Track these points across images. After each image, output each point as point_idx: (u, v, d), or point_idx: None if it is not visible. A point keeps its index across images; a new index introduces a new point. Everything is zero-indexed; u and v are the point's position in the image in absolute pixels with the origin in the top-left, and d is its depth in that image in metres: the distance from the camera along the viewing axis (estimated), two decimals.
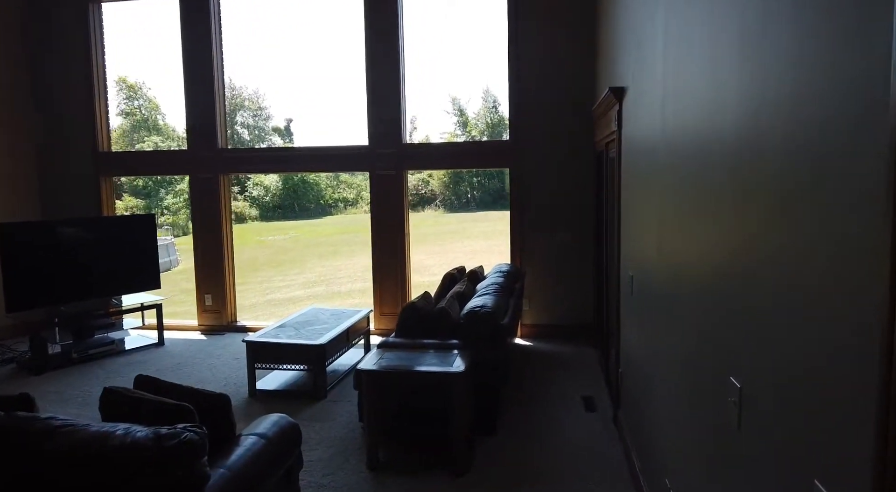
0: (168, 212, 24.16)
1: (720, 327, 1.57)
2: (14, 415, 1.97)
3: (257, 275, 14.68)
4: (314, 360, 4.12)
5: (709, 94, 1.69)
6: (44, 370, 4.79)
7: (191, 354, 5.28)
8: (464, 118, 28.07)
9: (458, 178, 27.39)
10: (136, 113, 27.52)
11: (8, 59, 5.78)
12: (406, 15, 5.50)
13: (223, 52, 5.81)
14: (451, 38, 34.10)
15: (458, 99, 28.69)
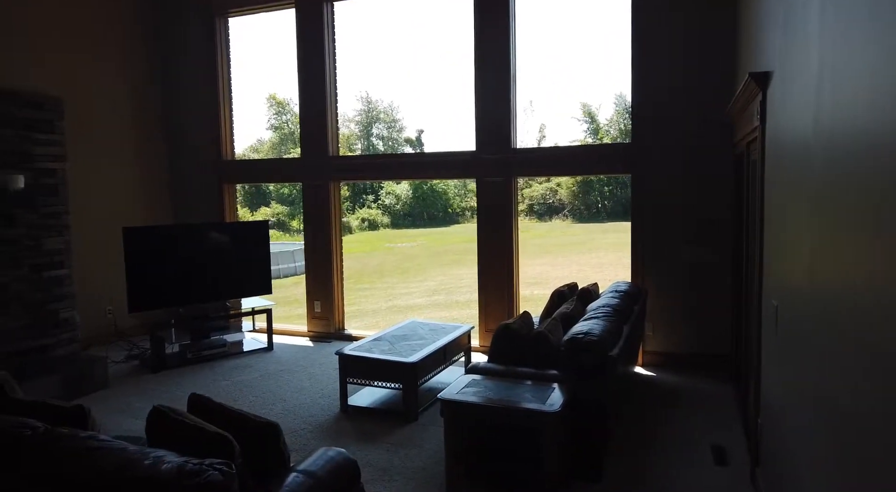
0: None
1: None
2: (54, 430, 1.87)
3: (383, 280, 14.98)
4: (405, 378, 3.86)
5: (884, 78, 1.15)
6: (161, 369, 5.00)
7: (295, 360, 5.27)
8: (595, 124, 26.98)
9: (587, 186, 26.34)
10: (283, 127, 29.65)
11: (142, 72, 6.22)
12: (519, 17, 5.13)
13: (336, 62, 5.81)
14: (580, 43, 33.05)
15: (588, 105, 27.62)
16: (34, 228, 4.39)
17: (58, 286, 4.58)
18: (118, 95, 5.92)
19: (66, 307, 4.64)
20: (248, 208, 26.26)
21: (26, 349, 4.37)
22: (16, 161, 4.29)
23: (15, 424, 1.90)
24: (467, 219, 28.98)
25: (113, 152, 5.86)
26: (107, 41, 5.80)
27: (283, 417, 4.00)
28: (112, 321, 5.82)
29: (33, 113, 4.41)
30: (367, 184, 27.95)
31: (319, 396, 4.39)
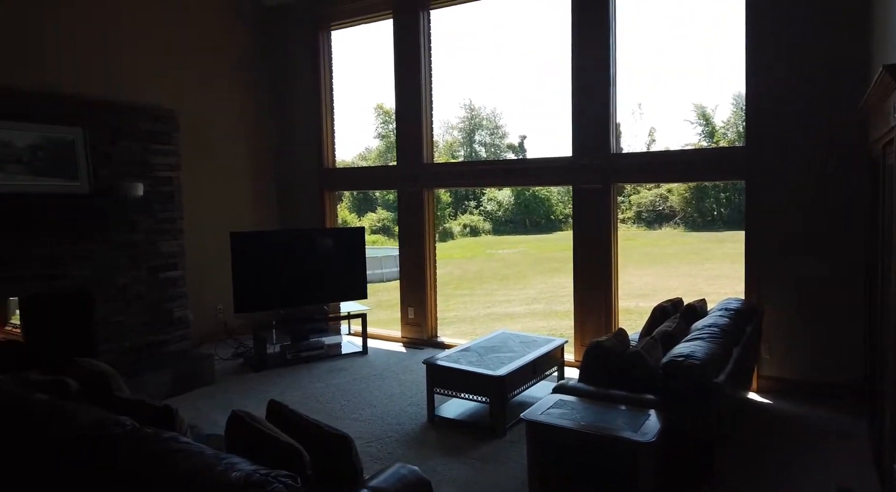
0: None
1: None
2: (140, 429, 1.94)
3: (482, 287, 14.94)
4: (493, 392, 3.74)
5: None
6: (262, 368, 5.22)
7: (387, 366, 5.31)
8: (710, 127, 25.40)
9: (701, 192, 24.84)
10: (389, 136, 30.58)
11: (251, 85, 6.57)
12: (623, 16, 4.87)
13: (431, 69, 5.83)
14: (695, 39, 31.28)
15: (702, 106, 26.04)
16: (151, 233, 4.74)
17: (172, 287, 4.91)
18: (229, 107, 6.29)
19: (179, 306, 4.96)
20: (355, 214, 27.28)
21: (145, 345, 4.72)
22: (138, 171, 4.66)
23: (110, 421, 1.99)
24: (570, 226, 28.32)
25: (223, 161, 6.23)
26: (219, 57, 6.19)
27: (371, 423, 4.01)
28: (222, 320, 6.18)
29: (153, 126, 4.76)
30: (469, 190, 28.10)
31: (408, 403, 4.37)
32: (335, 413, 4.20)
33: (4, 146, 3.85)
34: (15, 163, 3.90)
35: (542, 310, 11.61)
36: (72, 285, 4.27)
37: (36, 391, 2.47)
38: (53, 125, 4.11)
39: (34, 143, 4.00)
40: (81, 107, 4.31)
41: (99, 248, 4.41)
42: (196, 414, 4.18)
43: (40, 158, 4.03)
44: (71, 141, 4.20)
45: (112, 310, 4.51)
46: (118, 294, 4.54)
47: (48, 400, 2.23)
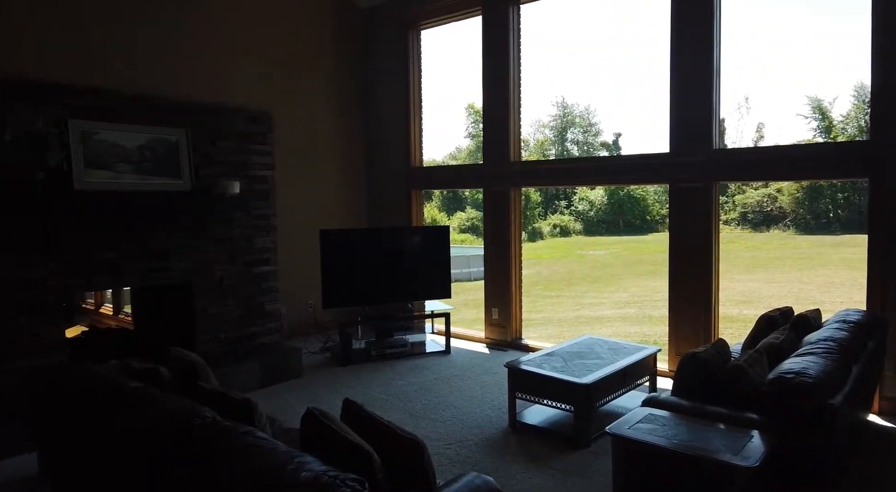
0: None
1: None
2: (219, 422, 1.97)
3: (572, 289, 14.57)
4: (578, 400, 3.56)
5: None
6: (348, 363, 5.30)
7: (470, 366, 5.24)
8: (826, 121, 23.37)
9: (815, 192, 22.91)
10: (479, 135, 30.58)
11: (343, 86, 6.70)
12: (727, 6, 4.51)
13: (520, 66, 5.69)
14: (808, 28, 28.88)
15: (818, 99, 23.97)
16: (247, 229, 4.93)
17: (265, 281, 5.09)
18: (321, 107, 6.46)
19: (271, 300, 5.14)
20: (444, 213, 27.49)
21: (239, 336, 4.92)
22: (235, 170, 4.86)
23: (191, 412, 2.05)
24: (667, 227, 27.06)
25: (315, 160, 6.41)
26: (312, 59, 6.36)
27: (451, 424, 3.95)
28: (312, 315, 6.36)
29: (249, 127, 4.96)
30: (560, 189, 27.53)
31: (489, 407, 4.27)
32: (416, 412, 4.17)
33: (115, 147, 4.13)
34: (124, 162, 4.17)
35: (634, 315, 11.14)
36: (175, 278, 4.51)
37: (132, 379, 2.60)
38: (159, 127, 4.36)
39: (142, 144, 4.26)
40: (184, 110, 4.55)
41: (199, 243, 4.63)
42: (282, 406, 4.30)
43: (147, 158, 4.28)
44: (175, 142, 4.44)
45: (210, 302, 4.73)
46: (216, 287, 4.76)
47: (139, 388, 2.33)
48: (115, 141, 4.14)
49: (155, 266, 4.40)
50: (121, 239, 4.20)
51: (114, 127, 4.13)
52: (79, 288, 4.09)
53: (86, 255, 4.04)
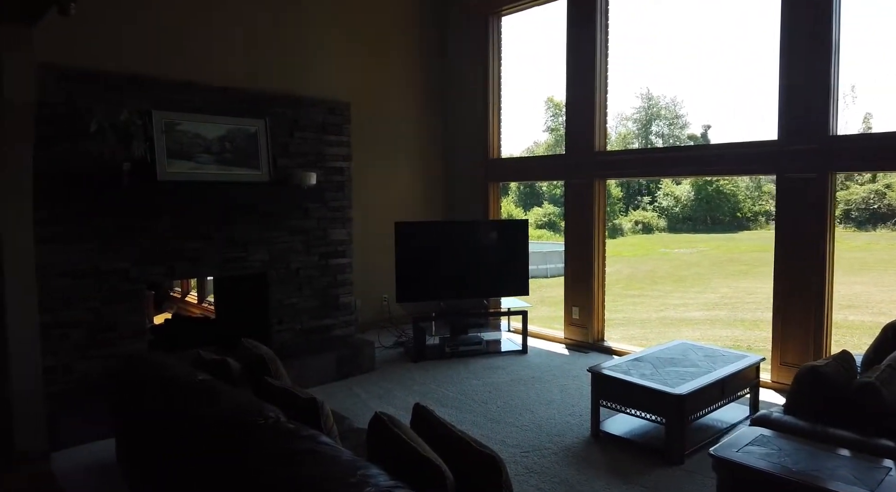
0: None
1: None
2: (281, 423, 1.84)
3: (654, 288, 13.91)
4: (670, 412, 3.24)
5: None
6: (420, 359, 5.17)
7: (548, 368, 4.97)
8: None
9: None
10: (558, 129, 29.87)
11: (422, 76, 6.56)
12: None
13: (607, 50, 5.33)
14: None
15: None
16: (323, 220, 4.89)
17: (340, 273, 5.04)
18: (398, 97, 6.36)
19: (345, 293, 5.08)
20: (521, 208, 27.04)
21: (314, 328, 4.89)
22: (313, 160, 4.82)
23: (254, 410, 1.93)
24: (760, 225, 25.39)
25: (393, 152, 6.31)
26: (390, 47, 6.26)
27: (529, 431, 3.72)
28: (387, 308, 6.29)
29: (327, 118, 4.91)
30: (643, 184, 26.44)
31: (569, 413, 4.00)
32: (491, 415, 3.97)
33: (196, 138, 4.16)
34: (205, 153, 4.20)
35: (724, 317, 10.44)
36: (252, 268, 4.52)
37: (201, 370, 2.55)
38: (239, 118, 4.37)
39: (222, 135, 4.28)
40: (264, 101, 4.54)
41: (276, 233, 4.63)
42: (354, 401, 4.21)
43: (227, 148, 4.30)
44: (254, 133, 4.44)
45: (286, 292, 4.72)
46: (292, 278, 4.75)
47: (206, 382, 2.25)
48: (197, 132, 4.18)
49: (232, 256, 4.42)
50: (200, 229, 4.24)
51: (195, 118, 4.17)
52: (160, 276, 4.16)
53: (167, 244, 4.10)
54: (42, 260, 3.57)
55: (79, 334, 3.79)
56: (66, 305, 3.72)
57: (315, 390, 4.39)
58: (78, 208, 3.72)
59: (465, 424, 3.80)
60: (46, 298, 3.62)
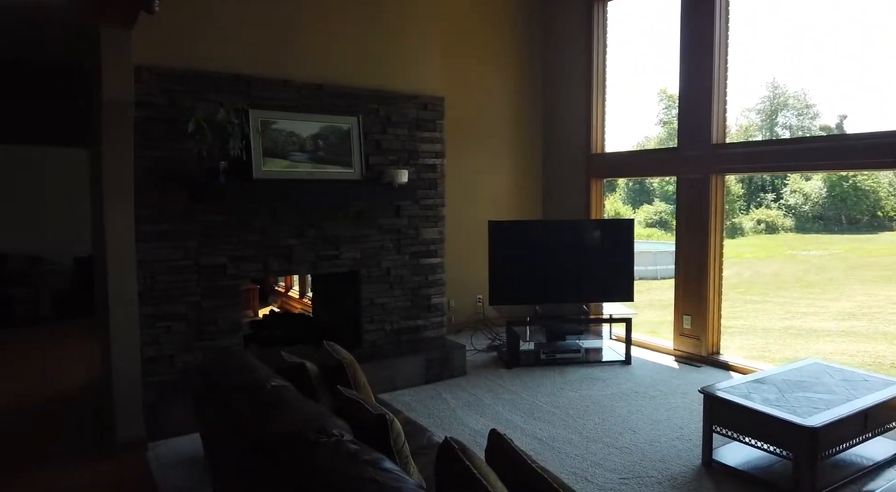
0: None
1: None
2: (343, 444, 1.68)
3: (780, 294, 12.72)
4: (799, 446, 2.77)
5: None
6: (514, 365, 4.92)
7: (654, 382, 4.54)
8: None
9: None
10: (672, 122, 28.23)
11: (522, 69, 6.28)
12: None
13: (727, 32, 4.79)
14: None
15: None
16: (414, 219, 4.77)
17: (431, 273, 4.90)
18: (495, 90, 6.13)
19: (436, 293, 4.94)
20: (629, 206, 25.82)
21: (404, 328, 4.79)
22: (405, 158, 4.72)
23: (318, 426, 1.79)
24: None
25: (488, 148, 6.10)
26: (490, 40, 6.04)
27: (630, 453, 3.36)
28: (481, 310, 6.09)
29: (421, 114, 4.78)
30: (767, 179, 24.34)
31: (677, 436, 3.59)
32: (586, 432, 3.64)
33: (291, 136, 4.17)
34: (299, 151, 4.20)
35: (862, 329, 9.29)
36: (344, 266, 4.49)
37: (278, 374, 2.47)
38: (332, 116, 4.33)
39: (315, 132, 4.27)
40: (357, 97, 4.49)
41: (367, 232, 4.57)
42: (442, 408, 4.05)
43: (320, 146, 4.28)
44: (347, 130, 4.39)
45: (377, 291, 4.65)
46: (383, 277, 4.67)
47: (277, 389, 2.15)
48: (292, 130, 4.19)
49: (325, 254, 4.40)
50: (294, 226, 4.26)
51: (290, 116, 4.18)
52: (256, 273, 4.21)
53: (262, 241, 4.15)
54: (148, 256, 3.72)
55: (180, 327, 3.91)
56: (169, 298, 3.85)
57: (403, 394, 4.29)
58: (180, 206, 3.83)
59: (557, 441, 3.51)
60: (150, 292, 3.76)
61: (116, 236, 3.25)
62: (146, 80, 3.68)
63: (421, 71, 4.83)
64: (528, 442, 3.49)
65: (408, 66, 4.77)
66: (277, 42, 4.20)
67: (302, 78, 4.28)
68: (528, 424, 3.77)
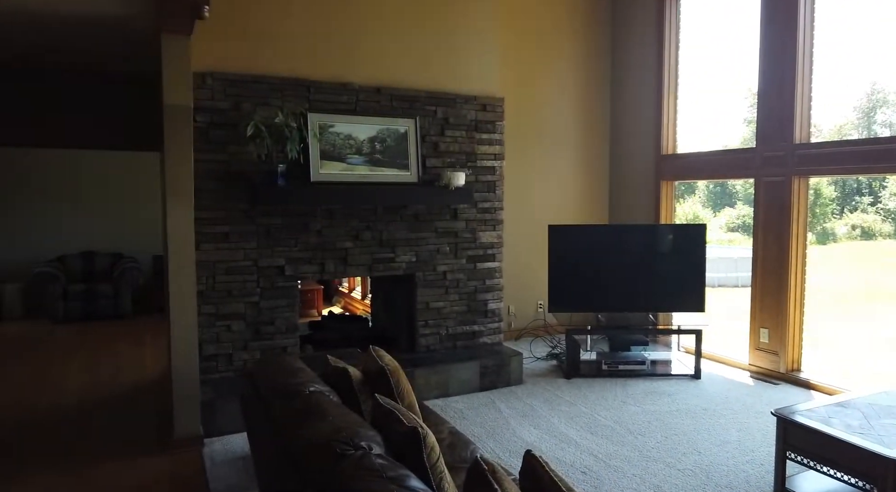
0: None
1: None
2: (365, 458, 1.61)
3: (874, 307, 11.73)
4: (885, 480, 2.47)
5: None
6: (573, 375, 4.74)
7: (725, 400, 4.24)
8: None
9: None
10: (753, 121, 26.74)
11: (589, 67, 6.07)
12: None
13: (813, 20, 4.41)
14: None
15: None
16: (472, 222, 4.68)
17: (489, 278, 4.80)
18: (559, 92, 5.95)
19: (494, 298, 4.83)
20: (710, 209, 24.66)
21: (460, 334, 4.71)
22: (463, 160, 4.64)
23: (347, 437, 1.74)
24: None
25: (550, 150, 5.93)
26: (553, 38, 5.88)
27: (693, 476, 3.13)
28: (542, 317, 5.92)
29: (480, 114, 4.69)
30: (864, 181, 22.58)
31: (747, 460, 3.31)
32: (647, 450, 3.43)
33: (348, 139, 4.19)
34: (355, 154, 4.21)
35: None
36: (400, 269, 4.46)
37: (319, 379, 2.45)
38: (390, 118, 4.32)
39: (373, 135, 4.27)
40: (415, 99, 4.45)
41: (424, 235, 4.52)
42: (495, 417, 3.93)
43: (377, 149, 4.28)
44: (404, 133, 4.37)
45: (432, 295, 4.59)
46: (439, 280, 4.61)
47: (315, 395, 2.12)
48: (349, 133, 4.20)
49: (381, 257, 4.39)
50: (350, 229, 4.27)
51: (348, 119, 4.20)
52: (312, 275, 4.25)
53: (319, 243, 4.18)
54: (210, 257, 3.83)
55: (239, 326, 4.00)
56: (229, 298, 3.95)
57: (455, 401, 4.21)
58: (241, 208, 3.92)
59: (615, 458, 3.32)
60: (211, 292, 3.87)
61: (177, 236, 3.35)
62: (211, 85, 3.79)
63: (480, 72, 4.73)
64: (583, 458, 3.32)
65: (467, 67, 4.69)
66: (338, 47, 4.23)
67: (361, 81, 4.29)
68: (584, 438, 3.59)
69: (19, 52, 3.70)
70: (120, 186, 8.04)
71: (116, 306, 7.13)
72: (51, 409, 4.11)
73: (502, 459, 3.29)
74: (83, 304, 7.00)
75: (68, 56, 3.87)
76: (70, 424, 3.85)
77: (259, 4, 3.96)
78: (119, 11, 2.88)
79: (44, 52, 3.73)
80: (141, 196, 8.03)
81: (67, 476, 3.13)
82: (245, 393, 2.73)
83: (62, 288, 6.94)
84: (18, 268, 7.50)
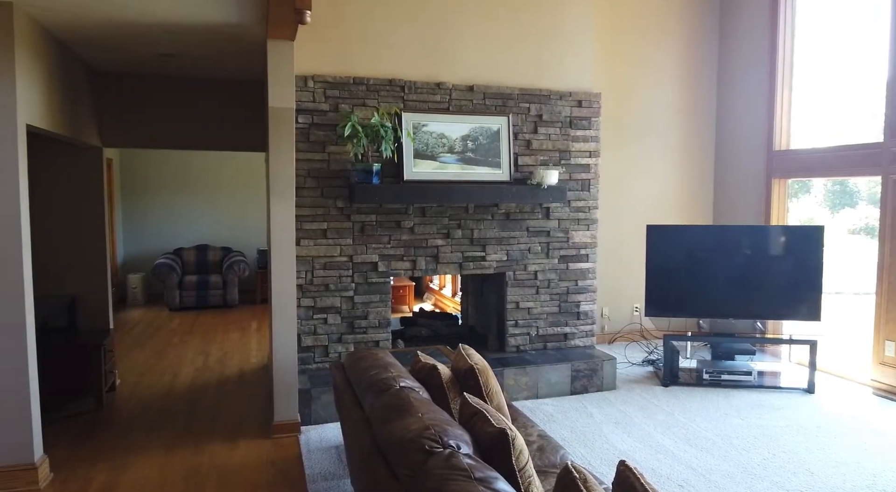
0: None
1: None
2: (453, 457, 1.60)
3: None
4: None
5: None
6: (671, 383, 4.52)
7: (842, 417, 3.89)
8: None
9: None
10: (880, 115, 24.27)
11: (694, 61, 5.76)
12: None
13: None
14: None
15: None
16: (564, 221, 4.58)
17: (582, 279, 4.67)
18: (660, 85, 5.69)
19: (587, 300, 4.70)
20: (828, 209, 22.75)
21: (550, 335, 4.63)
22: (557, 158, 4.55)
23: (435, 435, 1.74)
24: None
25: (649, 146, 5.69)
26: (654, 28, 5.62)
27: None
28: (638, 320, 5.71)
29: (574, 111, 4.58)
30: None
31: (867, 484, 3.02)
32: (751, 467, 3.21)
33: (441, 138, 4.22)
34: (448, 152, 4.24)
35: None
36: (490, 267, 4.45)
37: (410, 375, 2.48)
38: (482, 116, 4.31)
39: (465, 134, 4.28)
40: (508, 97, 4.42)
41: (515, 234, 4.48)
42: (586, 422, 3.83)
43: (469, 147, 4.28)
44: (496, 131, 4.35)
45: (523, 295, 4.54)
46: (530, 280, 4.55)
47: (404, 391, 2.15)
48: (442, 132, 4.24)
49: (471, 255, 4.40)
50: (442, 227, 4.31)
51: (441, 118, 4.23)
52: (404, 271, 4.33)
53: (411, 241, 4.25)
54: (310, 252, 4.01)
55: (335, 319, 4.15)
56: (326, 292, 4.10)
57: (545, 403, 4.14)
58: (338, 206, 4.07)
59: (715, 473, 3.13)
60: (310, 286, 4.04)
61: (279, 232, 3.52)
62: (312, 88, 3.95)
63: (575, 67, 4.62)
64: (680, 471, 3.16)
65: (561, 63, 4.59)
66: (433, 48, 4.27)
67: (454, 80, 4.32)
68: (682, 450, 3.42)
69: (148, 60, 4.03)
70: (229, 184, 8.59)
71: (225, 296, 7.63)
72: (167, 390, 4.46)
73: (593, 466, 3.19)
74: (196, 293, 7.54)
75: (188, 63, 4.18)
76: (184, 404, 4.16)
77: (357, 9, 4.08)
78: (233, 20, 3.06)
79: (168, 60, 4.04)
80: (248, 194, 8.55)
81: (180, 454, 3.37)
82: (338, 384, 2.83)
83: (178, 278, 7.51)
84: (142, 260, 8.22)
